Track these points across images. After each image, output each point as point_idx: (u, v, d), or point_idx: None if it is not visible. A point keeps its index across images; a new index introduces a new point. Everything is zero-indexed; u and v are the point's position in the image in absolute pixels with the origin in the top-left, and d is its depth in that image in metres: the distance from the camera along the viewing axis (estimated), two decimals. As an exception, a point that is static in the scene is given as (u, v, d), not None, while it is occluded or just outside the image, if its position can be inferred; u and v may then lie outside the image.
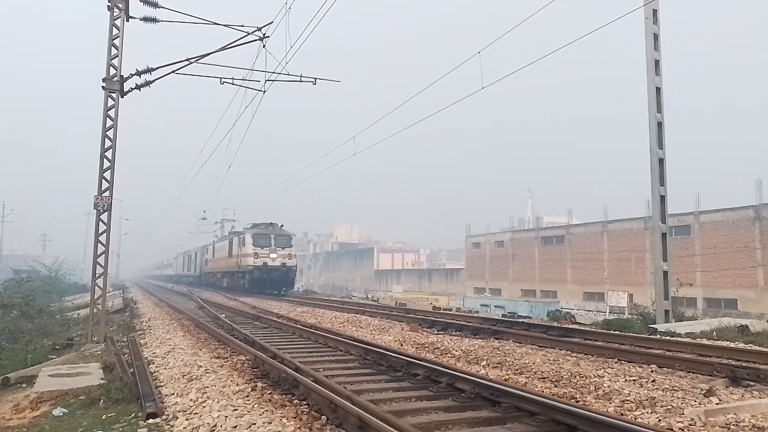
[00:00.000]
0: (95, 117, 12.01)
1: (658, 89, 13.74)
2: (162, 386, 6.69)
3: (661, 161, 13.58)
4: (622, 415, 5.15)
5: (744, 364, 7.10)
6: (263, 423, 4.84)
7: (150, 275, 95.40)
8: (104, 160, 11.65)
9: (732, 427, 4.74)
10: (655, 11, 13.99)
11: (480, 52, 11.87)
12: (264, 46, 13.42)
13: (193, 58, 12.99)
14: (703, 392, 5.88)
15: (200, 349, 9.69)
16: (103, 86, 11.78)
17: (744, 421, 4.88)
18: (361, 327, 13.19)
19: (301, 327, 12.35)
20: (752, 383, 6.45)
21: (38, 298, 17.91)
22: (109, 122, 11.76)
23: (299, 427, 4.78)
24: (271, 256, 30.13)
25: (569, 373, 6.93)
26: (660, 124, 13.61)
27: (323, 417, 5.03)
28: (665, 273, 13.43)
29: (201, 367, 7.75)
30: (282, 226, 32.22)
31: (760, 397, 5.79)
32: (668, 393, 5.94)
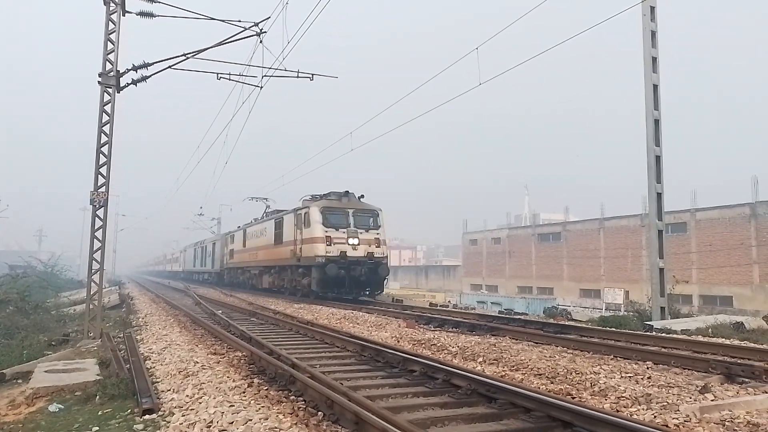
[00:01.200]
0: (92, 112, 11.96)
1: (655, 86, 13.78)
2: (158, 382, 6.68)
3: (658, 158, 13.62)
4: (617, 411, 5.16)
5: (739, 361, 7.14)
6: (259, 419, 4.83)
7: (149, 271, 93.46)
8: (100, 155, 11.61)
9: (727, 423, 4.76)
10: (652, 8, 14.00)
11: (477, 49, 11.89)
12: (261, 42, 13.38)
13: (190, 53, 12.93)
14: (698, 389, 5.90)
15: (197, 346, 9.68)
16: (99, 81, 11.73)
17: (739, 417, 4.91)
18: (357, 323, 13.20)
19: (297, 323, 12.35)
20: (747, 380, 6.48)
21: (34, 294, 17.87)
22: (105, 117, 11.71)
23: (296, 423, 4.77)
24: (351, 242, 20.24)
25: (565, 370, 6.94)
26: (657, 122, 13.65)
27: (320, 413, 5.03)
28: (661, 270, 13.47)
29: (197, 363, 7.74)
30: (362, 197, 21.95)
31: (755, 394, 5.82)
32: (664, 389, 5.96)
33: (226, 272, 35.68)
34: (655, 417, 4.98)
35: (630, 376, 6.69)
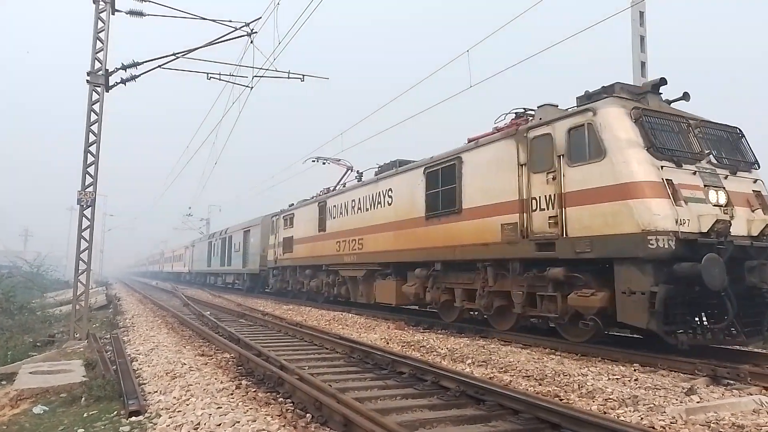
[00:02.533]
0: (80, 111, 11.85)
1: (644, 91, 13.86)
2: (145, 384, 6.62)
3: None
4: (605, 413, 5.19)
5: (724, 364, 7.20)
6: (247, 421, 4.80)
7: (142, 272, 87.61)
8: (88, 155, 11.52)
9: (712, 425, 4.81)
10: (641, 13, 14.11)
11: (468, 51, 11.95)
12: (252, 42, 13.35)
13: (180, 52, 12.87)
14: (684, 391, 5.95)
15: (184, 347, 9.61)
16: (87, 80, 11.64)
17: (724, 419, 4.95)
18: (347, 325, 13.17)
19: (286, 325, 12.31)
20: (732, 382, 6.54)
21: (19, 294, 17.64)
22: (93, 117, 11.62)
23: (284, 425, 4.75)
24: (714, 198, 7.74)
25: (553, 372, 6.97)
26: (645, 126, 13.73)
27: (308, 415, 5.01)
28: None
29: (185, 364, 7.68)
30: (685, 96, 9.03)
31: (740, 396, 5.87)
32: (650, 391, 6.00)
33: (274, 273, 23.58)
34: (641, 419, 5.02)
35: (617, 378, 6.73)
